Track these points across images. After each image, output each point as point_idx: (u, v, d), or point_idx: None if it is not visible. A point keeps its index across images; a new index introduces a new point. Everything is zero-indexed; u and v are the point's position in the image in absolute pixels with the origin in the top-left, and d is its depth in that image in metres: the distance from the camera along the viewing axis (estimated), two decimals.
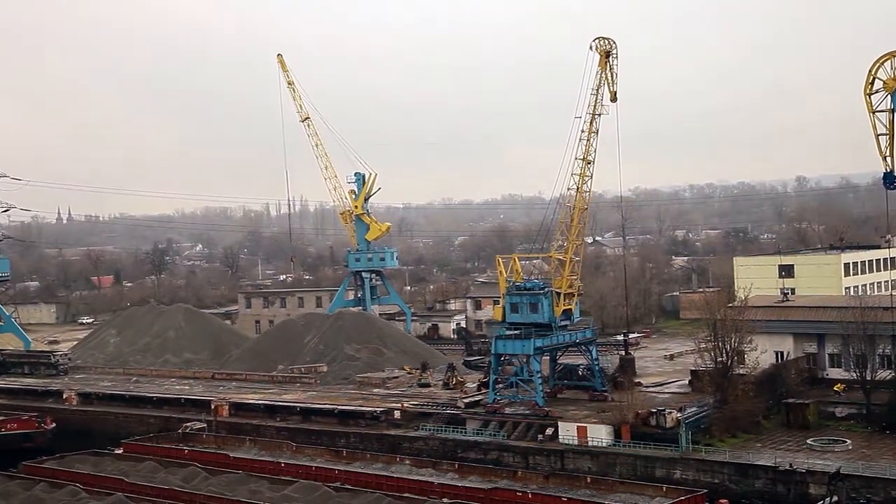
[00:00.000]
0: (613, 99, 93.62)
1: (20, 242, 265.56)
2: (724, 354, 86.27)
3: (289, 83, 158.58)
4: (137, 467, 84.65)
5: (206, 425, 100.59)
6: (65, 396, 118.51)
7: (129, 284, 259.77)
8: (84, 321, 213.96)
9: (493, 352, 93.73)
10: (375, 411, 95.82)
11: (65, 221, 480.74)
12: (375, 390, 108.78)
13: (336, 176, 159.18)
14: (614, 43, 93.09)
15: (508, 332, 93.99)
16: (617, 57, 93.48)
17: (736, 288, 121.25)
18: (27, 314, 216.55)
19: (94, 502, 73.00)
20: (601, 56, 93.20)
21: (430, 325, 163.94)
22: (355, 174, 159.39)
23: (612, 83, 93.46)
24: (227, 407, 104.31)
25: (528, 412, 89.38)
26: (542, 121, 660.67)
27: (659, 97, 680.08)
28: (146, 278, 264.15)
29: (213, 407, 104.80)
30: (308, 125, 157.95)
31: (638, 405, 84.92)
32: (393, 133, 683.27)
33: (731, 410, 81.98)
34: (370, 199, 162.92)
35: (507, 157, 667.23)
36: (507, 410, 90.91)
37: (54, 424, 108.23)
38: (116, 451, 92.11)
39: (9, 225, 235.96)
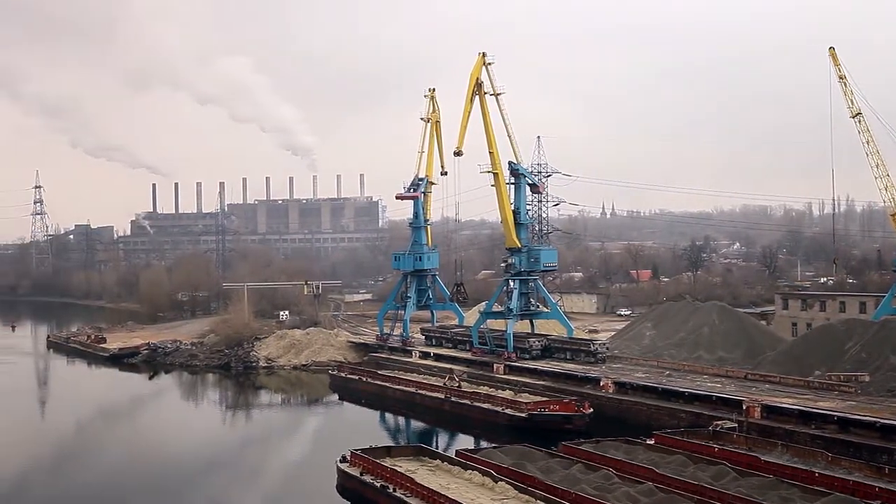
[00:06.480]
0: None
1: (567, 235, 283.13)
2: None
3: (840, 78, 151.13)
4: (667, 459, 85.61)
5: (736, 425, 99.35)
6: (601, 384, 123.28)
7: (665, 279, 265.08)
8: (622, 313, 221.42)
9: None
10: None
11: (608, 216, 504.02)
12: None
13: (888, 175, 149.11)
14: None
15: None
16: None
17: None
18: (570, 303, 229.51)
19: (625, 488, 74.95)
20: None
21: None
22: None
23: None
24: (758, 409, 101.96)
25: None
26: None
27: None
28: (682, 274, 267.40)
29: (744, 407, 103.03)
30: (859, 121, 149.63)
31: None
32: None
33: None
34: None
35: None
36: None
37: (591, 409, 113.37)
38: (648, 442, 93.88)
39: (558, 218, 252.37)
